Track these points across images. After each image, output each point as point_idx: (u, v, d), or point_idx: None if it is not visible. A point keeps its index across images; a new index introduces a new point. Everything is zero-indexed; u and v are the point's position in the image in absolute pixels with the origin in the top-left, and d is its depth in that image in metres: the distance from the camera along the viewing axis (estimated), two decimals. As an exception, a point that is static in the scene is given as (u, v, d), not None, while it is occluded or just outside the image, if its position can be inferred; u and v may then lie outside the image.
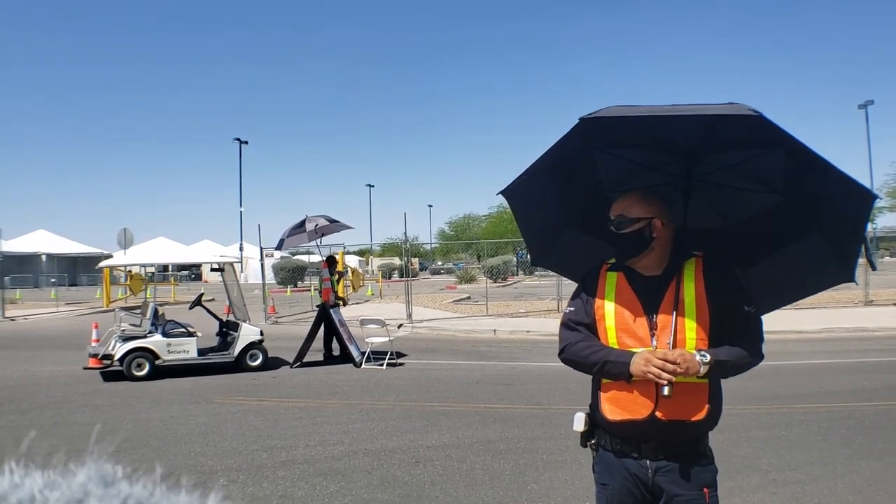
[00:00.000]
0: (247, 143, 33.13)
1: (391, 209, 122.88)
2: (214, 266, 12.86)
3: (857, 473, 5.23)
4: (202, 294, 12.23)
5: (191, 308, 11.74)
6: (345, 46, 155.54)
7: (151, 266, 26.32)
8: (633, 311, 2.24)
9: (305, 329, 12.18)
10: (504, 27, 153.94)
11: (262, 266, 21.48)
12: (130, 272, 27.82)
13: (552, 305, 20.50)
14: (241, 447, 6.24)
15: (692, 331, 2.18)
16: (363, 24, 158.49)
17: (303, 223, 11.84)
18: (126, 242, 21.49)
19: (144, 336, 10.37)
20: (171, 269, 52.51)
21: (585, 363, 2.25)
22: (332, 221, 12.08)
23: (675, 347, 2.14)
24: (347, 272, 22.24)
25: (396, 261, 57.42)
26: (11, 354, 13.26)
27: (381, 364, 10.90)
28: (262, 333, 11.19)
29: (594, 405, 2.34)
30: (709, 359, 2.10)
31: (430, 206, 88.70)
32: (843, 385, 8.57)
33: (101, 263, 16.76)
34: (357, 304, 24.16)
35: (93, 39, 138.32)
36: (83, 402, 8.44)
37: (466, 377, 9.93)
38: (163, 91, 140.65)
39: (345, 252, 24.86)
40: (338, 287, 12.91)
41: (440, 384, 9.40)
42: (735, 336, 2.21)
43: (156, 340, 10.33)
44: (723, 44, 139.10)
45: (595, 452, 2.37)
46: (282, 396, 8.75)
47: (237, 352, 10.75)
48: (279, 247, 12.48)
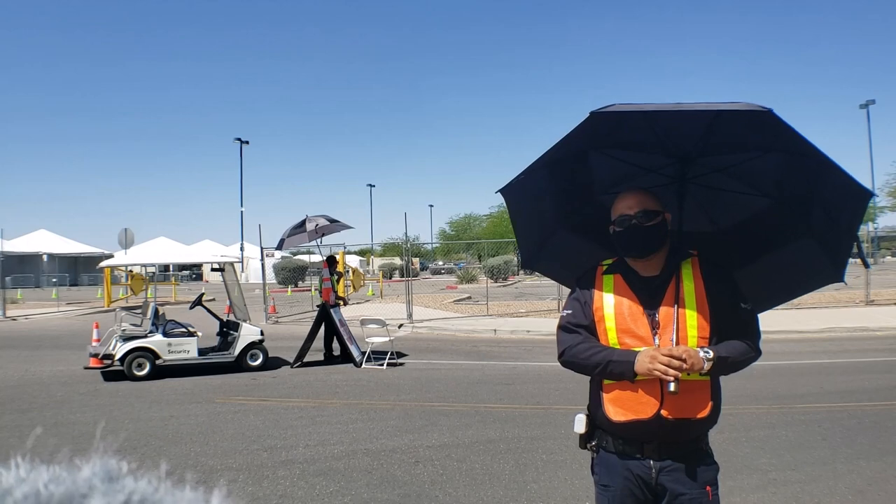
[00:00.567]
0: (248, 143, 33.16)
1: (392, 209, 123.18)
2: (215, 266, 12.86)
3: (858, 473, 5.22)
4: (203, 294, 12.23)
5: (191, 308, 11.74)
6: (347, 46, 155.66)
7: (152, 266, 26.36)
8: (634, 312, 2.24)
9: (306, 329, 12.18)
10: (506, 27, 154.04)
11: (263, 266, 21.48)
12: (131, 272, 27.80)
13: (552, 305, 20.49)
14: (242, 447, 6.24)
15: (694, 328, 2.19)
16: (365, 24, 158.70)
17: (303, 223, 11.84)
18: (127, 242, 21.50)
19: (145, 336, 10.38)
20: (172, 269, 52.56)
21: (587, 365, 2.24)
22: (333, 221, 12.08)
23: (678, 345, 2.15)
24: (348, 272, 22.26)
25: (397, 261, 57.41)
26: (12, 354, 13.26)
27: (382, 364, 10.90)
28: (263, 333, 11.19)
29: (594, 407, 2.33)
30: (712, 355, 2.12)
31: (431, 206, 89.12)
32: (844, 385, 8.56)
33: (102, 263, 16.76)
34: (358, 304, 24.16)
35: (94, 39, 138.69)
36: (84, 402, 8.44)
37: (467, 377, 9.93)
38: (164, 91, 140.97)
39: (345, 252, 24.85)
40: (338, 287, 12.90)
41: (440, 384, 9.40)
42: (733, 333, 2.24)
43: (156, 340, 10.33)
44: (723, 44, 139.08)
45: (595, 454, 2.36)
46: (282, 396, 8.75)
47: (238, 352, 10.75)
48: (279, 247, 12.48)
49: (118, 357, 10.00)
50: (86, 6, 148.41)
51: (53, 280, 35.37)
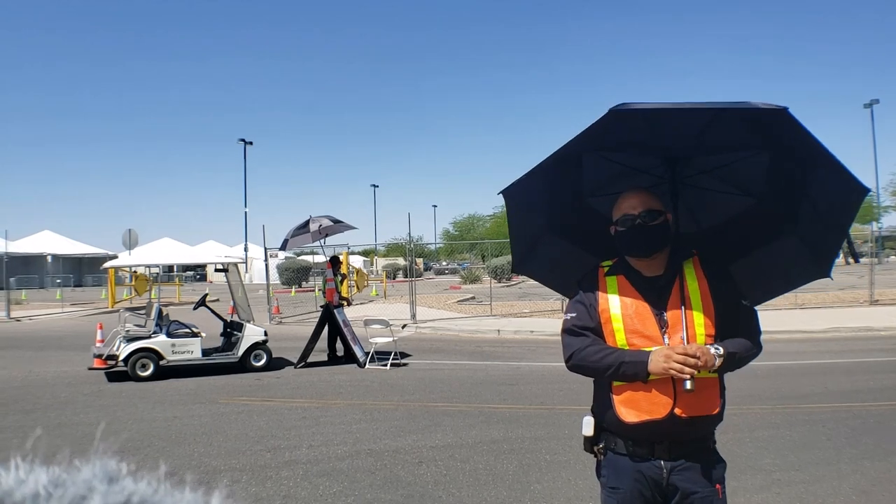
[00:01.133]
0: (251, 144, 33.36)
1: (396, 209, 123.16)
2: (219, 266, 12.90)
3: (862, 474, 5.21)
4: (206, 294, 12.27)
5: (195, 308, 11.77)
6: (349, 46, 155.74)
7: (156, 267, 26.40)
8: (641, 312, 2.24)
9: (309, 329, 12.20)
10: (507, 28, 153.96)
11: (267, 266, 21.53)
12: (135, 273, 27.84)
13: (556, 306, 20.45)
14: (245, 447, 6.25)
15: (701, 326, 2.20)
16: (368, 24, 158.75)
17: (307, 223, 11.86)
18: (131, 243, 21.55)
19: (149, 336, 10.40)
20: (176, 270, 52.65)
21: (598, 367, 2.22)
22: (336, 222, 12.09)
23: (689, 343, 2.15)
24: (352, 272, 22.26)
25: (401, 261, 57.39)
26: (16, 355, 13.31)
27: (385, 364, 10.91)
28: (267, 334, 11.21)
29: (602, 409, 2.31)
30: (723, 352, 2.14)
31: (435, 207, 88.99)
32: (848, 385, 8.54)
33: (106, 264, 16.81)
34: (361, 305, 24.18)
35: (96, 39, 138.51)
36: (88, 403, 8.47)
37: (470, 377, 9.93)
38: (167, 91, 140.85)
39: (349, 252, 24.86)
40: (342, 287, 12.92)
41: (444, 384, 9.40)
42: (736, 330, 2.26)
43: (160, 341, 10.36)
44: (723, 44, 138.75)
45: (602, 456, 2.35)
46: (285, 397, 8.76)
47: (241, 352, 10.77)
48: (283, 247, 12.50)
49: (122, 358, 10.03)
50: (90, 5, 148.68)
51: (58, 281, 35.56)
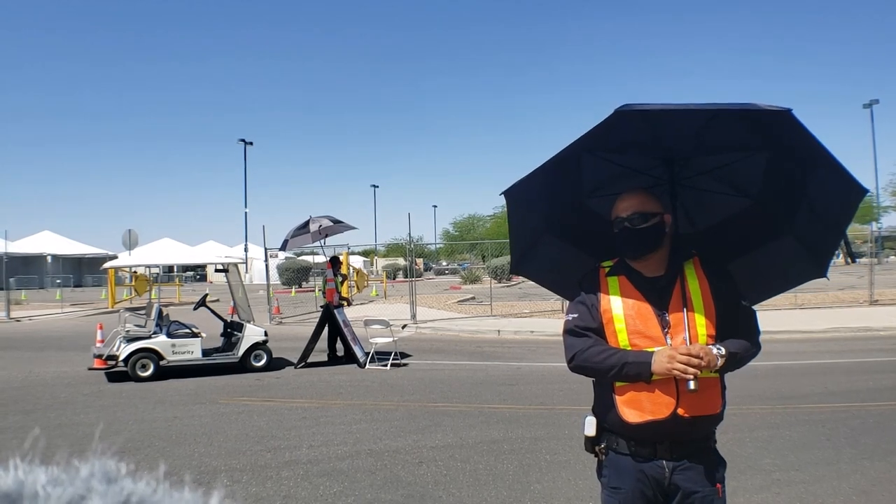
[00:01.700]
0: (251, 144, 33.34)
1: (396, 210, 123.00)
2: (219, 267, 12.91)
3: (862, 474, 5.21)
4: (206, 295, 12.27)
5: (195, 309, 11.78)
6: (349, 47, 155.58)
7: (156, 267, 26.40)
8: (643, 312, 2.24)
9: (310, 329, 12.20)
10: (507, 28, 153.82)
11: (267, 267, 21.54)
12: (135, 273, 27.85)
13: (556, 306, 20.46)
14: (245, 447, 6.25)
15: (703, 327, 2.21)
16: (370, 24, 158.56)
17: (307, 224, 11.86)
18: (131, 243, 21.55)
19: (149, 337, 10.40)
20: (176, 270, 52.65)
21: (600, 368, 2.22)
22: (336, 222, 12.09)
23: (691, 343, 2.16)
24: (351, 273, 22.25)
25: (401, 261, 57.38)
26: (16, 355, 13.31)
27: (385, 364, 10.91)
28: (267, 334, 11.21)
29: (604, 409, 2.31)
30: (724, 351, 2.15)
31: (435, 207, 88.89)
32: (848, 385, 8.54)
33: (106, 264, 16.82)
34: (361, 305, 24.18)
35: (96, 39, 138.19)
36: (88, 403, 8.47)
37: (470, 377, 9.93)
38: (167, 91, 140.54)
39: (349, 252, 24.85)
40: (342, 288, 12.92)
41: (444, 384, 9.40)
42: (736, 330, 2.27)
43: (160, 341, 10.36)
44: (723, 44, 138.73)
45: (604, 456, 2.35)
46: (286, 397, 8.77)
47: (241, 352, 10.77)
48: (283, 248, 12.50)
49: (122, 358, 10.03)
50: (87, 6, 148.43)
51: (58, 281, 35.54)
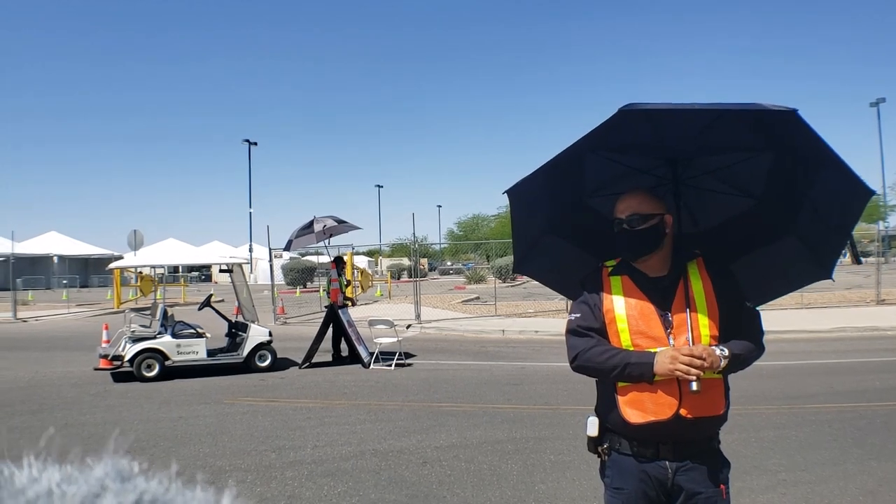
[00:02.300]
0: (256, 145, 33.41)
1: (400, 210, 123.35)
2: (224, 267, 12.94)
3: (869, 474, 5.19)
4: (211, 295, 12.29)
5: (200, 309, 11.80)
6: (352, 47, 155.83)
7: (161, 267, 26.45)
8: (646, 313, 2.23)
9: (314, 330, 12.20)
10: (508, 28, 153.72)
11: (272, 267, 21.57)
12: (141, 273, 27.97)
13: (561, 306, 20.45)
14: (250, 447, 6.27)
15: (706, 327, 2.20)
16: (372, 24, 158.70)
17: (311, 224, 11.87)
18: (136, 244, 21.60)
19: (154, 337, 10.44)
20: (181, 271, 52.76)
21: (603, 368, 2.21)
22: (341, 222, 12.10)
23: (694, 344, 2.15)
24: (355, 274, 22.28)
25: (405, 261, 57.39)
26: (23, 355, 13.36)
27: (390, 364, 10.92)
28: (271, 334, 11.24)
29: (606, 409, 2.31)
30: (727, 353, 2.14)
31: (440, 207, 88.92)
32: (855, 385, 8.51)
33: (112, 265, 16.83)
34: (366, 305, 24.19)
35: (100, 39, 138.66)
36: (94, 403, 8.50)
37: (475, 377, 9.93)
38: (172, 92, 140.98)
39: (354, 253, 24.88)
40: (346, 288, 12.93)
41: (448, 384, 9.40)
42: (739, 331, 2.26)
43: (165, 341, 10.39)
44: (723, 44, 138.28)
45: (607, 457, 2.35)
46: (290, 397, 8.78)
47: (246, 352, 10.79)
48: (287, 248, 12.52)
49: (128, 358, 10.07)
50: (87, 6, 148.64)
51: (64, 281, 35.60)
